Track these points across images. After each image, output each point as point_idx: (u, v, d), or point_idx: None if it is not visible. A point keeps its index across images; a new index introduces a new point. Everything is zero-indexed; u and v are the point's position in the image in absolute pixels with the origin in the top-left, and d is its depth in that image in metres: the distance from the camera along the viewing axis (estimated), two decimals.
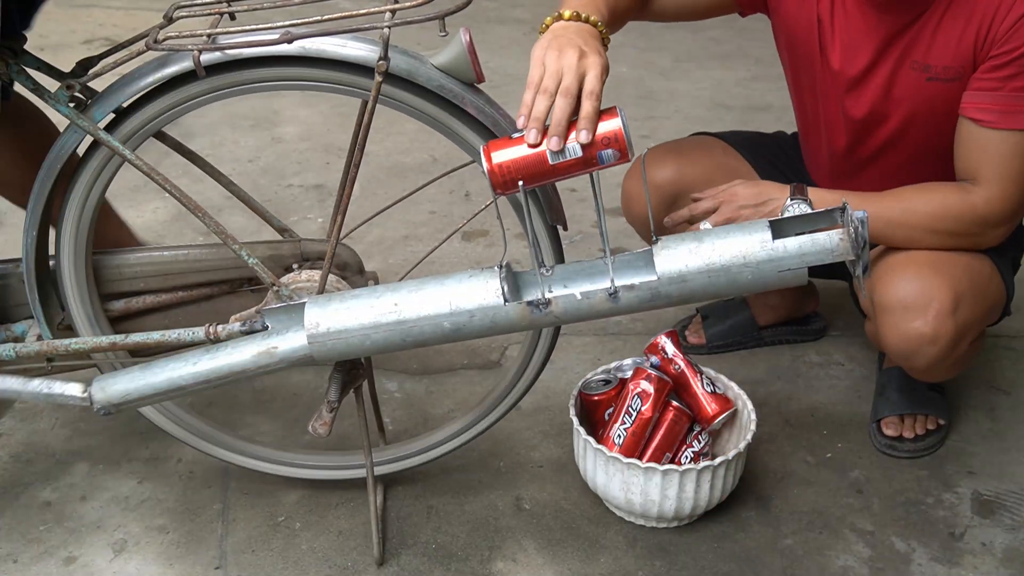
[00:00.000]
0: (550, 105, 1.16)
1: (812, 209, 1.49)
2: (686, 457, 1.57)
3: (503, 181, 1.15)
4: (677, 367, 1.61)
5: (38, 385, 1.34)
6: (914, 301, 1.48)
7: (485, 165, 1.15)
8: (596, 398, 1.60)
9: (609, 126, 1.14)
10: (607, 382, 1.63)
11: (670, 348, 1.63)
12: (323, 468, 1.63)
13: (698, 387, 1.60)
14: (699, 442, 1.60)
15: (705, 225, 1.53)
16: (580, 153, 1.13)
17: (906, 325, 1.49)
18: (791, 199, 1.52)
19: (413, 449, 1.61)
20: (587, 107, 1.15)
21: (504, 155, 1.15)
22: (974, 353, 1.67)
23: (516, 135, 1.15)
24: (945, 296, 1.47)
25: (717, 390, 1.61)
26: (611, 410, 1.58)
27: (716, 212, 1.56)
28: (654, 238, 1.17)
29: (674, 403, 1.57)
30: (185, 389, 1.28)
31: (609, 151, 1.13)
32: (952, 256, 1.52)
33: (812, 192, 1.53)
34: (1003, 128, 1.43)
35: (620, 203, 1.82)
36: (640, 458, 1.53)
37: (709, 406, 1.60)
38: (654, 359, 1.63)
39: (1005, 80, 1.41)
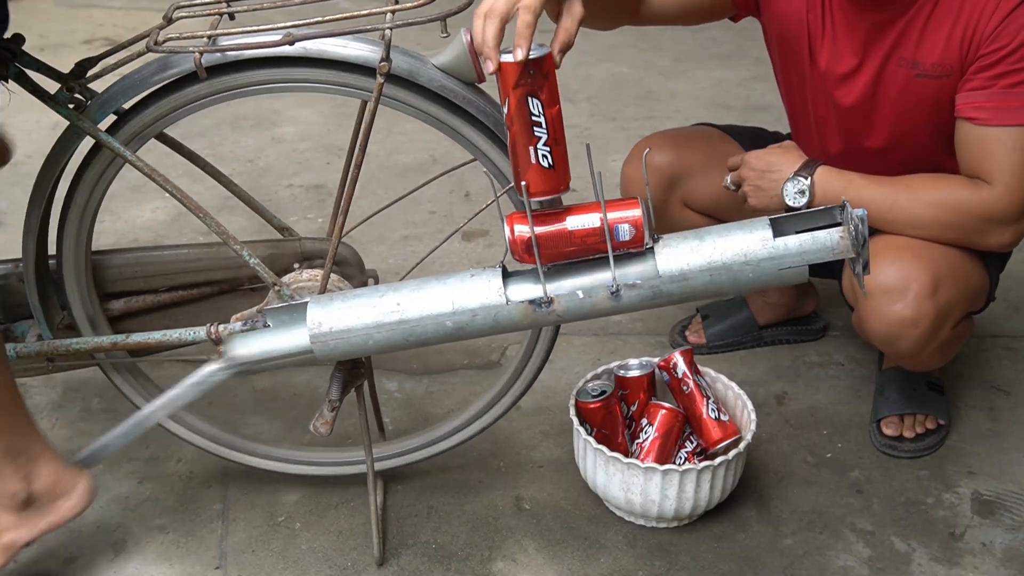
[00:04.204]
0: (497, 28, 1.10)
1: (808, 188, 1.52)
2: (680, 457, 1.58)
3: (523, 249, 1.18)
4: (687, 387, 1.61)
5: (175, 389, 1.33)
6: (893, 285, 1.49)
7: (507, 235, 1.17)
8: (592, 406, 1.58)
9: (631, 212, 1.15)
10: (603, 392, 1.60)
11: (681, 367, 1.62)
12: (324, 465, 1.63)
13: (704, 412, 1.59)
14: (692, 442, 1.61)
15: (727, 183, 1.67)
16: (597, 224, 1.15)
17: (887, 309, 1.50)
18: (793, 175, 1.53)
19: (414, 444, 1.61)
20: (520, 20, 1.08)
21: (526, 228, 1.16)
22: (961, 340, 1.67)
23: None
24: (924, 278, 1.48)
25: (722, 417, 1.59)
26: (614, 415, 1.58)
27: (739, 171, 1.65)
28: (655, 236, 1.18)
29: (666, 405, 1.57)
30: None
31: (627, 226, 1.16)
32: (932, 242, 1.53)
33: (820, 171, 1.54)
34: (998, 125, 1.44)
35: (619, 189, 1.83)
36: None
37: (713, 432, 1.58)
38: (666, 376, 1.63)
39: (995, 78, 1.43)
